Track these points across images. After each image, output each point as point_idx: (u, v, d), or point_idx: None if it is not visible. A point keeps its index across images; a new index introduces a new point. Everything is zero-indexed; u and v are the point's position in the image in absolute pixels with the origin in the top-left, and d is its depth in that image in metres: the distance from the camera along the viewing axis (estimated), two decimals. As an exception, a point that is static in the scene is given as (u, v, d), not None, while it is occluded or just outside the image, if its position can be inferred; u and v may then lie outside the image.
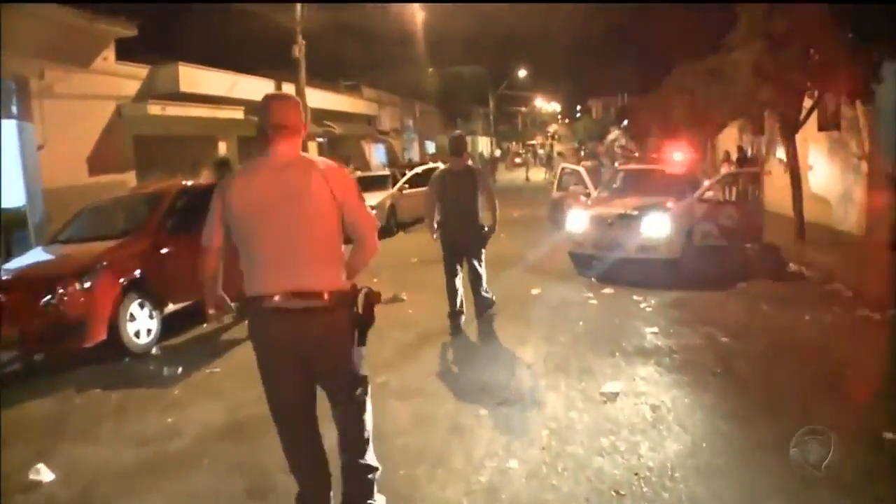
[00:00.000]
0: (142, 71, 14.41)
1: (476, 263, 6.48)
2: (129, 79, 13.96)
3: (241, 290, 2.85)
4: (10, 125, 11.09)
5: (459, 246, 6.43)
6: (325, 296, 2.67)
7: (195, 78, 15.41)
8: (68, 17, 11.68)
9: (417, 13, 27.80)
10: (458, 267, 6.51)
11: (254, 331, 2.79)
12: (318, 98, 22.25)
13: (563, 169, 13.19)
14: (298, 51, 17.66)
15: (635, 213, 9.12)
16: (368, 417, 2.98)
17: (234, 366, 5.89)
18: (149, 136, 14.26)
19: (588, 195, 11.05)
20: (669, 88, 22.30)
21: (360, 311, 2.81)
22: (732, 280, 8.50)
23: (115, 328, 6.51)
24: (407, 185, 16.37)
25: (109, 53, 13.25)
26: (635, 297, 7.80)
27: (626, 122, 44.73)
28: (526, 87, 61.65)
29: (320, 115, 23.40)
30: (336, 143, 27.56)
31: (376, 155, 32.70)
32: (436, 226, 6.55)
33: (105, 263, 6.61)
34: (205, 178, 9.51)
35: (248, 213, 2.68)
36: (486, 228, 6.47)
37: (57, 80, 11.75)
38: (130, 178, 13.35)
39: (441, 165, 18.89)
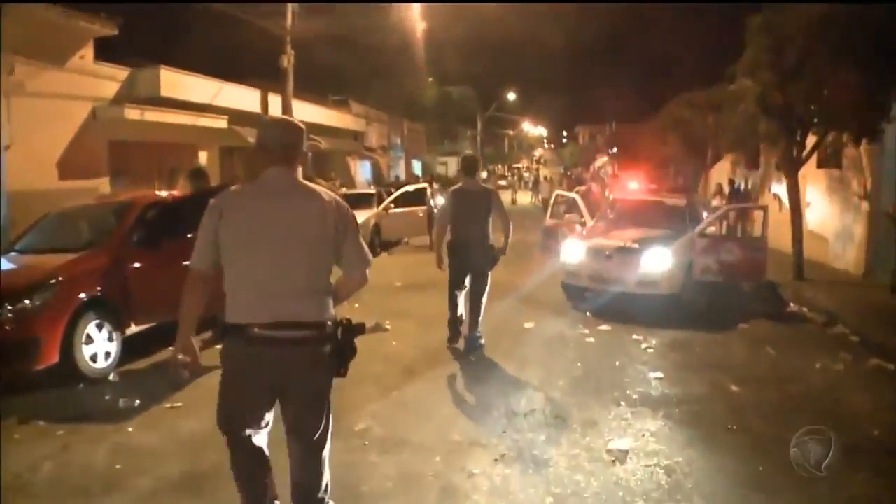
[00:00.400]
0: (121, 73, 13.77)
1: (480, 287, 6.44)
2: (108, 80, 13.28)
3: (217, 313, 2.71)
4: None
5: (468, 266, 6.37)
6: (313, 327, 2.62)
7: (178, 83, 14.79)
8: (43, 13, 11.02)
9: (409, 27, 27.50)
10: (464, 284, 6.48)
11: (230, 357, 2.67)
12: (305, 111, 21.70)
13: (556, 196, 12.67)
14: (287, 61, 17.19)
15: (635, 246, 8.69)
16: (328, 453, 2.86)
17: (198, 400, 5.26)
18: (125, 142, 13.62)
19: (583, 224, 10.60)
20: (664, 118, 22.27)
21: (340, 341, 2.71)
22: (733, 319, 8.11)
23: (68, 350, 5.90)
24: (393, 205, 15.79)
25: (87, 52, 12.59)
26: (634, 336, 7.34)
27: (615, 150, 45.09)
28: (514, 111, 62.00)
29: (306, 129, 22.88)
30: (322, 158, 27.01)
31: (362, 172, 32.24)
32: (443, 253, 6.49)
33: (60, 279, 6.01)
34: (180, 187, 8.93)
35: (242, 237, 2.61)
36: (497, 249, 6.44)
37: (28, 78, 11.08)
38: (103, 185, 12.65)
39: (425, 186, 18.57)
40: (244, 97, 17.96)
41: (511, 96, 55.16)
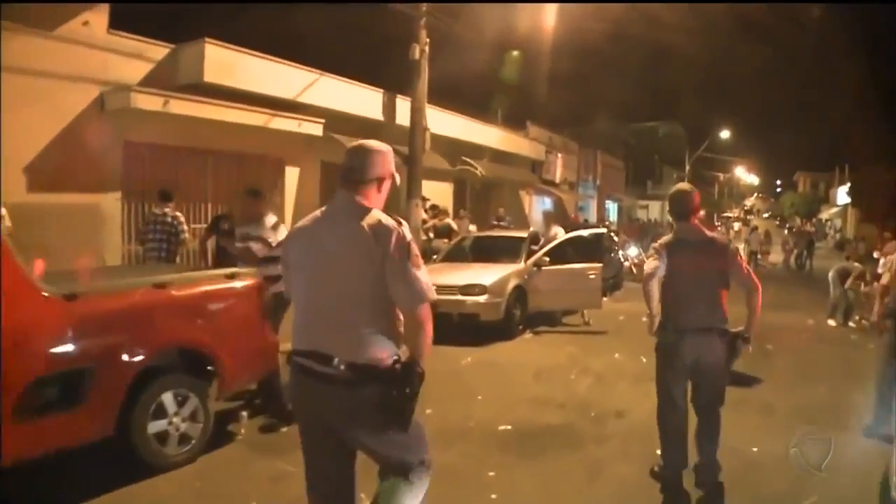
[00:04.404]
0: (155, 50, 10.35)
1: (712, 396, 4.34)
2: (131, 58, 9.91)
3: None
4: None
5: (691, 359, 4.28)
6: (341, 365, 2.56)
7: (231, 66, 10.84)
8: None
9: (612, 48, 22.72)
10: (682, 399, 4.41)
11: (290, 385, 2.80)
12: (450, 125, 17.58)
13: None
14: (419, 52, 13.25)
15: None
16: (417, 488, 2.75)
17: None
18: (166, 146, 10.25)
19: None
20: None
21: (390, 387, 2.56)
22: None
23: None
24: (547, 259, 10.75)
25: (96, 18, 9.31)
26: None
27: (848, 200, 40.83)
28: (726, 151, 56.28)
29: (457, 149, 18.73)
30: (484, 189, 22.81)
31: (538, 209, 27.61)
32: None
33: None
34: (236, 209, 7.30)
35: (295, 261, 2.73)
36: (735, 334, 4.32)
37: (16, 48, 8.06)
38: (108, 201, 9.36)
39: (603, 231, 13.28)
40: (356, 98, 14.15)
41: (724, 134, 49.31)
